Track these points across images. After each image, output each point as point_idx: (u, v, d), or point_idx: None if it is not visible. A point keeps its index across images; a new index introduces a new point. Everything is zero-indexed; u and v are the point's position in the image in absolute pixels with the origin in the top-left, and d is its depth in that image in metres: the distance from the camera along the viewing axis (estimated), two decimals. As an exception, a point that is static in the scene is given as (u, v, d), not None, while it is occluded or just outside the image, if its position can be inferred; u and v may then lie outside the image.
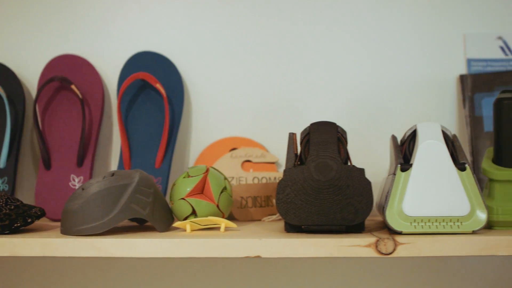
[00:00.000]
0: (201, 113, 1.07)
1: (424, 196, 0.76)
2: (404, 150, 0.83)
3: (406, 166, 0.78)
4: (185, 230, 0.83)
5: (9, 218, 0.81)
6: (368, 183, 0.76)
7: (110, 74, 1.07)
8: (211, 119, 1.06)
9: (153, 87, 1.03)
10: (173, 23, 1.07)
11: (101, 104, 1.04)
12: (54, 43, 1.07)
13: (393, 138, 0.87)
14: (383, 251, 0.74)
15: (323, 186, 0.76)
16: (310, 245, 0.74)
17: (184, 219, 0.87)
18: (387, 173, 0.87)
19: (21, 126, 1.03)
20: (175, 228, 0.85)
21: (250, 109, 1.06)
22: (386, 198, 0.78)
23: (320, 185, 0.76)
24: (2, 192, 0.85)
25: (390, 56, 1.06)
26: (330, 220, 0.76)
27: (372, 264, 1.04)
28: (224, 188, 0.88)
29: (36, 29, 1.08)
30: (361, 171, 0.76)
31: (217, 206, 0.87)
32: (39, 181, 1.00)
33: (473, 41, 1.05)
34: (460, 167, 0.78)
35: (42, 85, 1.01)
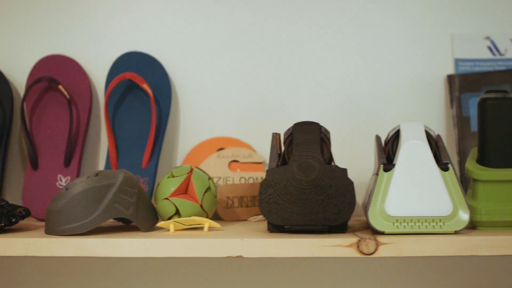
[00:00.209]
0: (189, 113, 1.07)
1: (407, 196, 0.76)
2: (388, 150, 0.83)
3: (389, 166, 0.78)
4: (169, 230, 0.83)
5: (-7, 218, 0.81)
6: (351, 183, 0.76)
7: (98, 74, 1.07)
8: (199, 119, 1.06)
9: (141, 87, 1.03)
10: (161, 24, 1.07)
11: (89, 104, 1.04)
12: (43, 44, 1.07)
13: (377, 138, 0.86)
14: (365, 251, 0.74)
15: (306, 186, 0.75)
16: (292, 245, 0.74)
17: (168, 219, 0.87)
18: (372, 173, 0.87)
19: (9, 126, 1.03)
20: (159, 228, 0.85)
21: (238, 110, 1.06)
22: (369, 198, 0.78)
23: (303, 185, 0.75)
24: (-13, 192, 0.85)
25: (377, 56, 1.06)
26: (313, 220, 0.76)
27: (355, 264, 1.04)
28: (208, 188, 0.88)
29: (25, 30, 1.08)
30: (344, 171, 0.76)
31: (201, 206, 0.87)
32: (26, 181, 1.00)
33: (461, 41, 1.05)
34: (443, 167, 0.77)
35: (30, 85, 1.01)
